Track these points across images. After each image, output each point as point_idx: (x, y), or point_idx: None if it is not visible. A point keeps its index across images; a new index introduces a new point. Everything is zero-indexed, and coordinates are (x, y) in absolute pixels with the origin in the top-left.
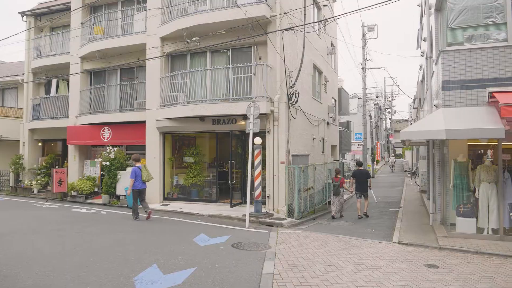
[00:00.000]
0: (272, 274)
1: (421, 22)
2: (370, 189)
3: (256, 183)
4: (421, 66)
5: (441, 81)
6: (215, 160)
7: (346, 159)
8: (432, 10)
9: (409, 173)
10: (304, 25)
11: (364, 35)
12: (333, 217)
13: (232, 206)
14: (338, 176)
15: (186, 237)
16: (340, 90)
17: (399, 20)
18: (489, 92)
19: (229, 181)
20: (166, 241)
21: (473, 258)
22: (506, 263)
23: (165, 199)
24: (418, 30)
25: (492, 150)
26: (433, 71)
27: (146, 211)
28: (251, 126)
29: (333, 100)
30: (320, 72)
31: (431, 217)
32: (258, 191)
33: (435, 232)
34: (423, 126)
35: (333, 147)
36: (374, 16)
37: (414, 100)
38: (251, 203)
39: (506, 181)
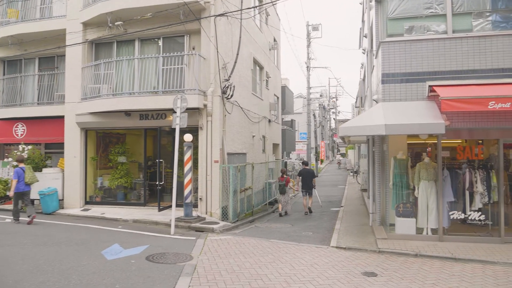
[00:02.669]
0: None
1: (363, 20)
2: (315, 188)
3: (186, 183)
4: (362, 65)
5: (381, 74)
6: (148, 159)
7: (291, 159)
8: (373, 2)
9: (351, 172)
10: (241, 10)
11: (308, 34)
12: (280, 215)
13: (160, 210)
14: (284, 175)
15: (94, 249)
16: (284, 88)
17: (344, 21)
18: (429, 86)
19: (157, 182)
20: (67, 255)
21: (413, 262)
22: (446, 267)
23: (87, 203)
24: (360, 28)
25: (430, 149)
26: (373, 66)
27: (28, 216)
28: (178, 121)
29: (276, 98)
30: (261, 67)
31: (371, 218)
32: (188, 193)
33: (374, 233)
34: (362, 121)
35: (275, 145)
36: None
37: (357, 99)
38: (180, 206)
39: (446, 179)
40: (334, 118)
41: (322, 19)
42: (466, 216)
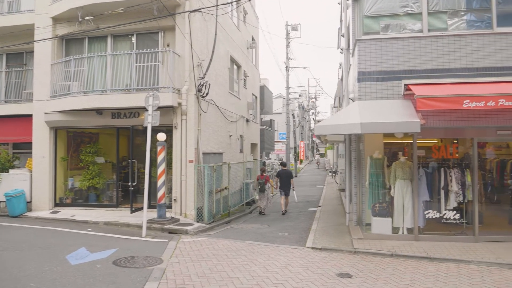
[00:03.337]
0: None
1: (341, 20)
2: (293, 189)
3: (159, 184)
4: (340, 65)
5: (357, 72)
6: (123, 159)
7: (270, 159)
8: (350, 1)
9: (330, 172)
10: (217, 6)
11: (287, 34)
12: (260, 213)
13: (132, 212)
14: (264, 174)
15: (59, 254)
16: (263, 87)
17: (323, 21)
18: (405, 84)
19: (130, 183)
20: (28, 261)
21: (388, 262)
22: (421, 267)
23: (56, 205)
24: (339, 28)
25: (406, 148)
26: (350, 65)
27: None
28: (150, 119)
29: (254, 97)
30: (238, 66)
31: (347, 217)
32: (161, 194)
33: (350, 233)
34: (338, 120)
35: (253, 145)
36: (298, 17)
37: (335, 99)
38: (154, 207)
39: (421, 178)
40: (313, 119)
41: (301, 19)
42: (441, 215)
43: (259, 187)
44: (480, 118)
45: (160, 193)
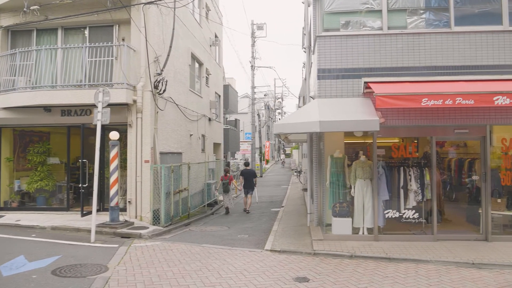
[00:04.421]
0: None
1: (305, 19)
2: (255, 187)
3: (112, 192)
4: (304, 64)
5: (317, 69)
6: (77, 160)
7: (236, 159)
8: None
9: (295, 172)
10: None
11: (253, 33)
12: (227, 212)
13: (83, 215)
14: (228, 174)
15: None
16: (227, 86)
17: (289, 20)
18: (365, 82)
19: (81, 185)
20: None
21: (348, 264)
22: (380, 268)
23: (1, 209)
24: (303, 28)
25: (369, 148)
26: (311, 63)
27: None
28: (99, 117)
29: (217, 96)
30: (200, 64)
31: (309, 218)
32: (114, 196)
33: (311, 234)
34: (297, 118)
35: (216, 145)
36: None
37: (299, 99)
38: (106, 210)
39: (381, 177)
40: (279, 119)
41: (266, 18)
42: (401, 214)
43: (223, 187)
44: (439, 116)
45: (113, 201)
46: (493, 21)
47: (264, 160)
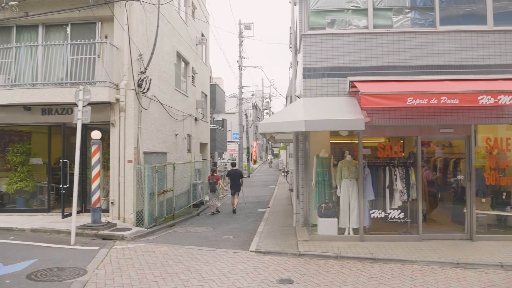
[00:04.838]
0: None
1: (292, 19)
2: (242, 187)
3: (94, 186)
4: (291, 64)
5: (303, 68)
6: (57, 160)
7: (224, 159)
8: None
9: (283, 172)
10: None
11: (240, 33)
12: (217, 211)
13: (64, 217)
14: (215, 174)
15: None
16: (214, 86)
17: (277, 20)
18: (350, 81)
19: (61, 185)
20: None
21: (333, 265)
22: (365, 268)
23: None
24: (290, 27)
25: (356, 147)
26: (297, 61)
27: None
28: (80, 115)
29: (204, 95)
30: (186, 62)
31: (295, 218)
32: (96, 197)
33: (296, 235)
34: (282, 117)
35: (203, 145)
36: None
37: (286, 99)
38: (89, 211)
39: (367, 177)
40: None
41: (254, 18)
42: (386, 214)
43: (209, 187)
44: (424, 116)
45: (94, 196)
46: (478, 21)
47: (251, 160)
